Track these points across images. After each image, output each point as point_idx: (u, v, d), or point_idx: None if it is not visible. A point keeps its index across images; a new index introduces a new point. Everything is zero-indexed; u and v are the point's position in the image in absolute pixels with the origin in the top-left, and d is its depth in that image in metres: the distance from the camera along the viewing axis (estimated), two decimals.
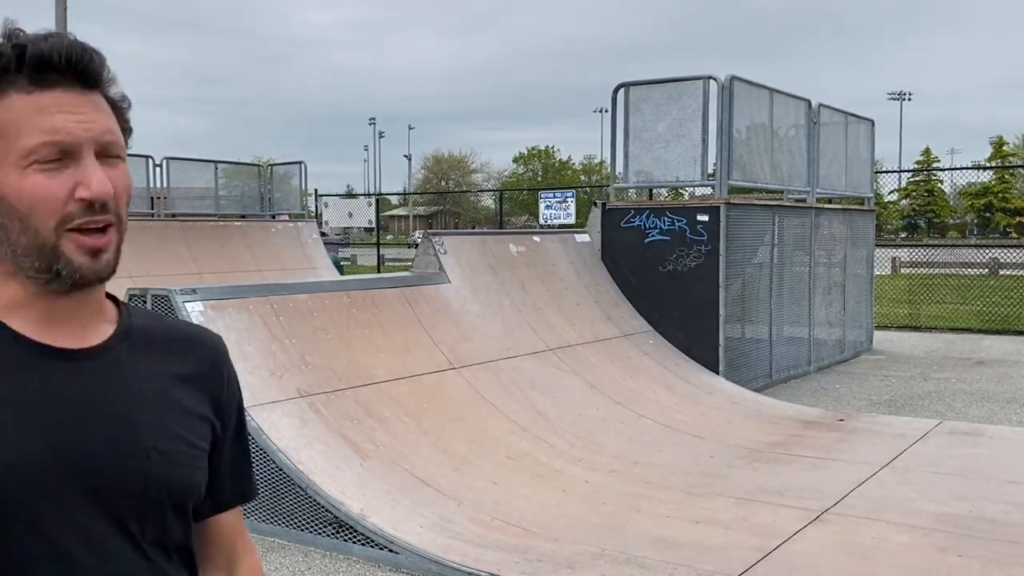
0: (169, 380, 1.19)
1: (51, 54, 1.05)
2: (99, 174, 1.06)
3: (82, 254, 1.07)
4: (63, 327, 1.11)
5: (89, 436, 1.08)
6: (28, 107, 1.05)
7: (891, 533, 4.84)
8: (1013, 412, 8.39)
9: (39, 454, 1.04)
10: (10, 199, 1.05)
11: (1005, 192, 56.46)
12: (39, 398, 1.06)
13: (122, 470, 1.09)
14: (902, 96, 76.87)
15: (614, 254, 9.48)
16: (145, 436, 1.12)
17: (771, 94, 9.97)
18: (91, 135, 1.07)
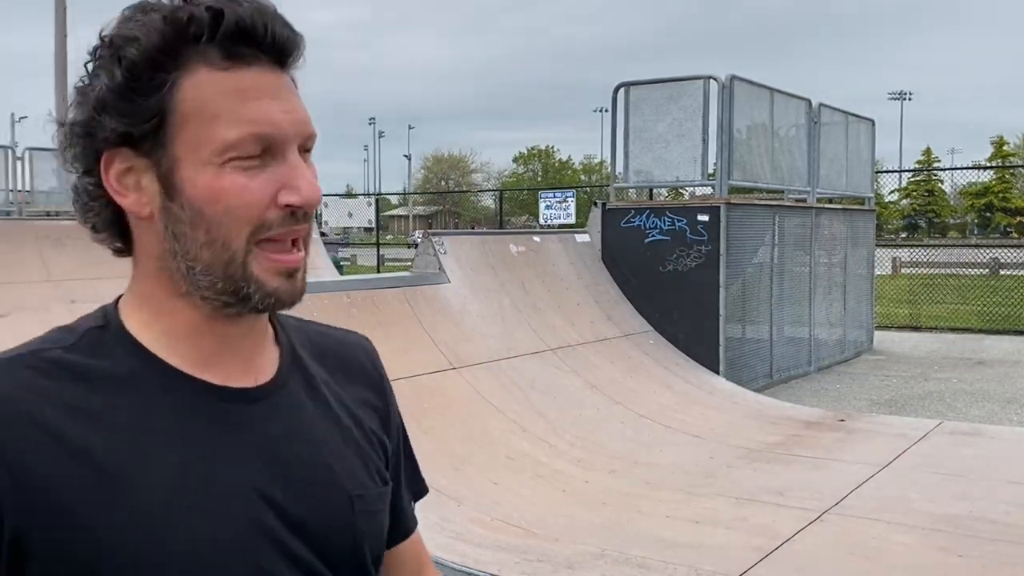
0: (340, 405, 1.02)
1: (254, 23, 0.85)
2: (308, 176, 0.88)
3: (275, 275, 0.88)
4: (234, 359, 0.93)
5: (288, 493, 0.90)
6: (224, 88, 0.85)
7: (891, 533, 4.83)
8: (1014, 412, 8.38)
9: (233, 528, 0.86)
10: (198, 202, 0.86)
11: (1005, 192, 56.44)
12: (226, 456, 0.88)
13: (328, 528, 0.93)
14: (902, 96, 76.93)
15: (614, 254, 9.47)
16: (345, 482, 0.96)
17: (771, 94, 9.97)
18: (296, 127, 0.88)
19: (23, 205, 14.64)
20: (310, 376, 1.00)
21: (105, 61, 0.85)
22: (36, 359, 0.86)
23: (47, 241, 12.72)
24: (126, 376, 0.88)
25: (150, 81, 0.84)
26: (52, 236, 12.86)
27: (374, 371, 1.11)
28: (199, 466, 0.87)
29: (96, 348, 0.89)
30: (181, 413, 0.88)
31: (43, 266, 12.41)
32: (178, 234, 0.87)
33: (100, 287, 7.28)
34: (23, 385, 0.84)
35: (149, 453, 0.85)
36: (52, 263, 12.51)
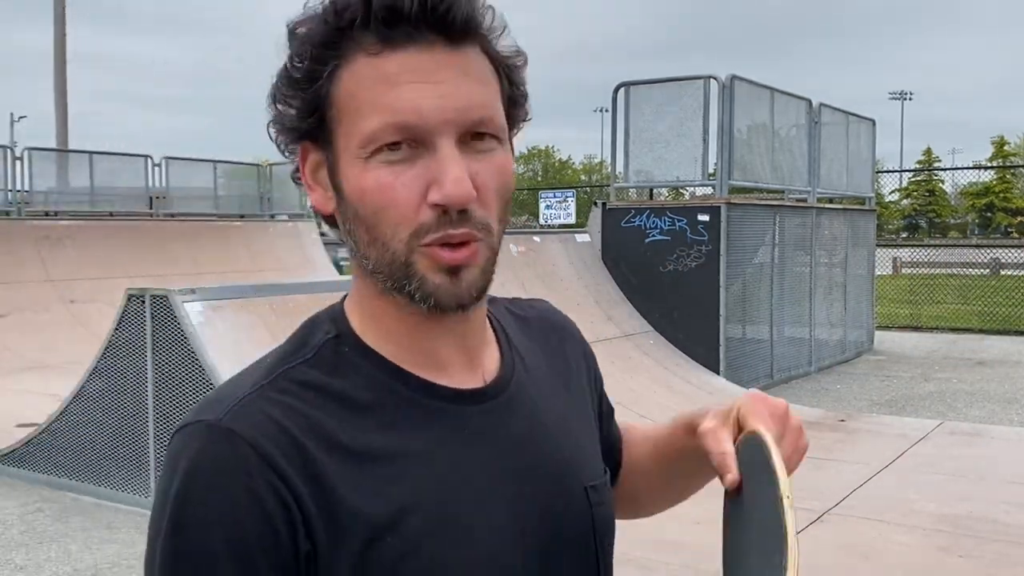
0: (564, 390, 0.99)
1: (402, 1, 0.77)
2: (455, 169, 0.78)
3: (436, 272, 0.81)
4: (459, 358, 0.89)
5: (534, 492, 0.88)
6: (372, 75, 0.78)
7: (892, 533, 4.82)
8: (1014, 412, 8.38)
9: (495, 536, 0.84)
10: (353, 200, 0.81)
11: (1006, 192, 56.44)
12: (475, 463, 0.86)
13: (571, 523, 0.91)
14: (903, 96, 76.87)
15: (614, 254, 9.46)
16: (580, 473, 0.94)
17: (772, 94, 9.96)
18: (449, 114, 0.78)
19: (22, 205, 14.63)
20: (530, 364, 0.97)
21: (282, 52, 0.83)
22: (287, 381, 0.83)
23: (46, 241, 12.71)
24: (371, 390, 0.85)
25: (310, 73, 0.81)
26: (51, 236, 12.86)
27: (580, 346, 1.07)
28: (457, 479, 0.84)
29: (335, 362, 0.86)
30: (429, 422, 0.85)
31: (42, 266, 12.40)
32: (351, 232, 0.84)
33: (99, 287, 7.36)
34: (287, 407, 0.81)
35: (408, 470, 0.82)
36: (51, 263, 12.51)
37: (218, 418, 0.79)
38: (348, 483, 0.79)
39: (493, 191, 0.82)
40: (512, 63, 0.86)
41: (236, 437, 0.78)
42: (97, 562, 4.75)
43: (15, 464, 6.22)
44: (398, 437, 0.83)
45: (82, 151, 17.15)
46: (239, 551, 0.76)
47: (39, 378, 9.82)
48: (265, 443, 0.78)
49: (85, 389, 5.84)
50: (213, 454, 0.78)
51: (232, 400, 0.81)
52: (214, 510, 0.76)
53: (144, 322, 5.45)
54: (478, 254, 0.82)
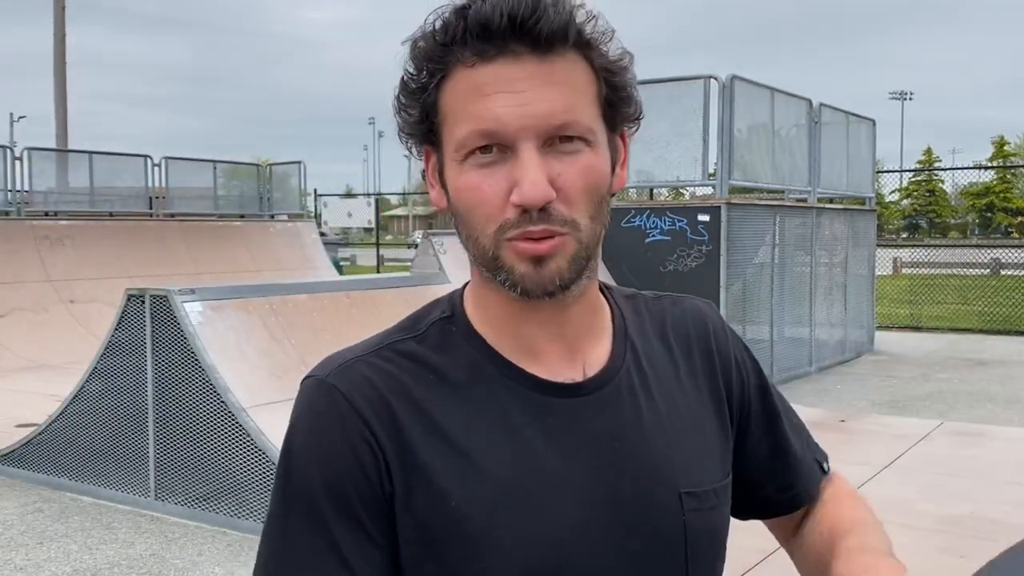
0: (682, 392, 1.01)
1: (492, 15, 0.84)
2: (533, 172, 0.84)
3: (521, 261, 0.88)
4: (558, 348, 0.95)
5: (616, 491, 0.91)
6: (467, 86, 0.87)
7: (892, 534, 4.75)
8: (1015, 413, 8.37)
9: (558, 526, 0.89)
10: (453, 199, 0.91)
11: (1006, 192, 56.45)
12: (554, 453, 0.91)
13: (658, 527, 0.93)
14: (903, 96, 76.88)
15: (614, 254, 9.45)
16: (676, 479, 0.95)
17: (772, 93, 9.95)
18: (529, 120, 0.84)
19: (22, 205, 14.62)
20: (646, 361, 0.99)
21: (401, 65, 0.91)
22: (391, 351, 0.94)
23: (46, 241, 12.71)
24: (467, 368, 0.93)
25: (421, 84, 0.89)
26: (51, 236, 12.85)
27: (714, 337, 1.06)
28: (527, 463, 0.90)
29: (441, 340, 0.95)
30: (514, 407, 0.92)
31: (42, 266, 12.40)
32: (457, 227, 0.93)
33: (98, 287, 7.34)
34: (383, 372, 0.92)
35: (483, 446, 0.90)
36: (51, 263, 12.50)
37: (325, 375, 0.93)
38: (424, 445, 0.89)
39: (579, 190, 0.88)
40: (612, 67, 0.90)
41: (336, 392, 0.91)
42: (97, 562, 4.74)
43: (15, 464, 6.21)
44: (480, 416, 0.91)
45: (82, 151, 17.13)
46: (334, 488, 0.88)
47: (39, 378, 9.82)
48: (359, 399, 0.90)
49: (85, 389, 5.83)
50: (316, 406, 0.91)
51: (340, 360, 0.94)
52: (314, 453, 0.90)
53: (144, 322, 5.44)
54: (562, 247, 0.88)
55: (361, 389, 0.90)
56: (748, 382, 1.08)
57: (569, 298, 0.92)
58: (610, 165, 0.92)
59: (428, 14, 0.89)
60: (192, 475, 5.34)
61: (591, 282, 0.95)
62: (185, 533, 5.14)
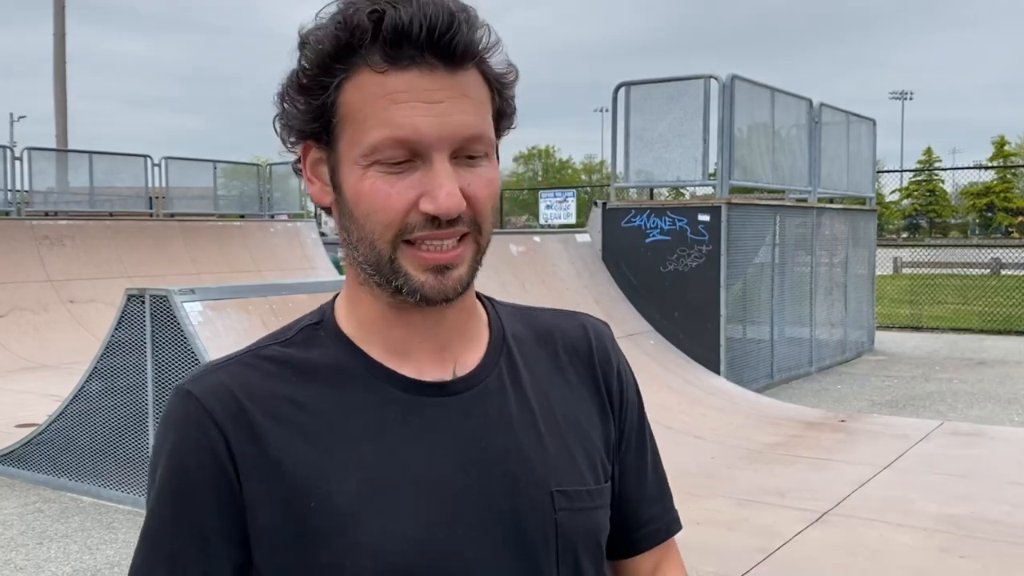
0: (561, 397, 1.01)
1: (410, 24, 0.84)
2: (449, 183, 0.85)
3: (423, 270, 0.88)
4: (428, 349, 0.95)
5: (482, 488, 0.92)
6: (377, 91, 0.86)
7: (893, 534, 4.82)
8: (1015, 412, 8.37)
9: (421, 522, 0.89)
10: (350, 201, 0.89)
11: (1007, 192, 56.47)
12: (419, 450, 0.91)
13: (526, 525, 0.93)
14: (904, 95, 76.85)
15: (615, 254, 9.45)
16: (547, 477, 0.95)
17: (772, 93, 9.95)
18: (446, 132, 0.86)
19: (22, 205, 14.62)
20: (523, 365, 1.00)
21: (295, 60, 0.90)
22: (254, 356, 0.95)
23: (46, 241, 12.71)
24: (331, 367, 0.94)
25: (319, 83, 0.88)
26: (51, 236, 12.85)
27: (601, 357, 1.06)
28: (390, 459, 0.90)
29: (308, 343, 0.96)
30: (378, 405, 0.92)
31: (42, 266, 12.40)
32: (345, 227, 0.92)
33: (98, 287, 7.35)
34: (242, 376, 0.93)
35: (345, 443, 0.90)
36: (51, 263, 12.51)
37: (185, 383, 0.94)
38: (283, 445, 0.90)
39: (485, 198, 0.89)
40: (503, 80, 0.92)
41: (191, 398, 0.92)
42: (97, 562, 4.74)
43: (15, 464, 6.21)
44: (343, 415, 0.91)
45: (82, 151, 17.14)
46: (183, 485, 0.90)
47: (39, 378, 9.82)
48: (213, 403, 0.90)
49: (85, 389, 5.83)
50: (173, 413, 0.93)
51: (203, 368, 0.96)
52: (170, 458, 0.92)
53: (144, 322, 5.44)
54: (465, 252, 0.90)
55: (216, 394, 0.91)
56: (630, 400, 1.07)
57: (445, 305, 0.92)
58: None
59: (323, 7, 0.89)
60: None
61: (471, 291, 0.97)
62: None
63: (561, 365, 1.03)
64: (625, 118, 9.57)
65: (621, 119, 9.62)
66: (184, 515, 0.90)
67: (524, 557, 0.93)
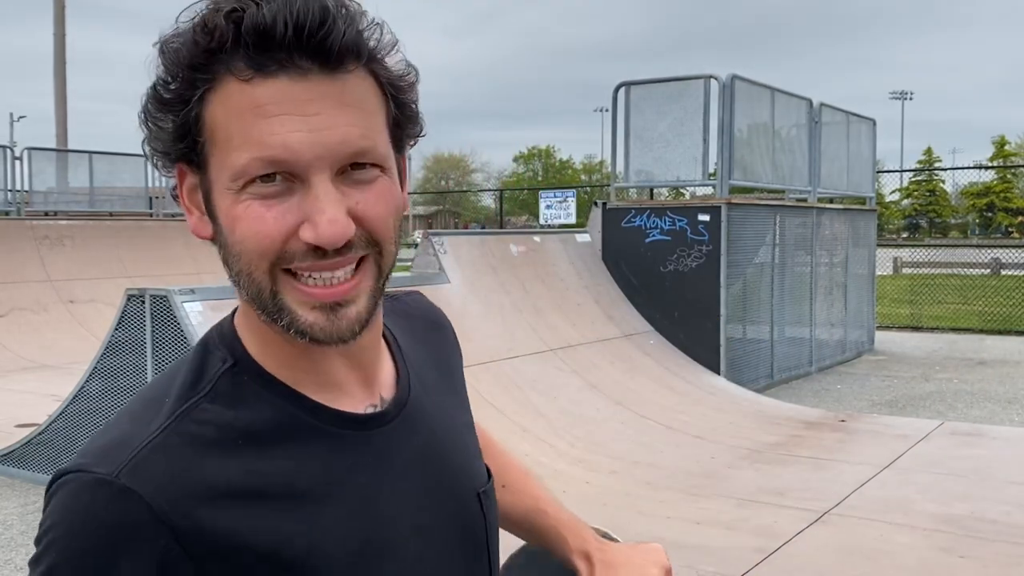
0: (448, 397, 1.00)
1: (274, 23, 0.72)
2: (331, 208, 0.74)
3: (309, 308, 0.77)
4: (357, 377, 0.87)
5: (438, 511, 0.90)
6: (242, 104, 0.74)
7: (893, 534, 4.81)
8: (1015, 412, 8.37)
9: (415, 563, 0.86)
10: (225, 229, 0.78)
11: (1007, 192, 56.47)
12: (386, 494, 0.85)
13: (475, 534, 0.94)
14: (904, 95, 76.84)
15: (615, 254, 9.45)
16: (473, 481, 0.95)
17: (772, 93, 9.95)
18: (321, 149, 0.74)
19: (22, 205, 14.62)
20: (417, 375, 0.95)
21: (151, 72, 0.78)
22: (188, 423, 0.79)
23: (46, 241, 12.71)
24: (274, 422, 0.81)
25: (179, 95, 0.76)
26: (51, 236, 12.86)
27: (447, 323, 1.08)
28: (367, 509, 0.83)
29: (235, 393, 0.82)
30: (335, 454, 0.83)
31: (42, 266, 12.40)
32: (226, 261, 0.80)
33: (98, 287, 7.35)
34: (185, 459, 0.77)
35: (317, 507, 0.80)
36: (51, 263, 12.51)
37: (115, 474, 0.74)
38: (255, 532, 0.76)
39: (382, 216, 0.78)
40: (400, 83, 0.81)
41: (134, 497, 0.73)
42: None
43: (15, 464, 6.21)
44: (306, 469, 0.81)
45: (82, 151, 17.14)
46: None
47: (39, 378, 9.82)
48: (163, 502, 0.74)
49: (85, 389, 5.83)
50: (101, 515, 0.73)
51: (128, 450, 0.76)
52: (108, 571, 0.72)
53: (144, 322, 5.44)
54: (361, 282, 0.79)
55: (164, 487, 0.74)
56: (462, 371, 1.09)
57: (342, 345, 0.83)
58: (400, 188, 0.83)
59: (181, 11, 0.77)
60: None
61: (379, 310, 0.85)
62: None
63: (436, 363, 1.02)
64: (625, 118, 9.57)
65: (621, 119, 9.62)
66: None
67: (474, 561, 0.94)
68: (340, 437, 0.83)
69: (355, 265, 0.78)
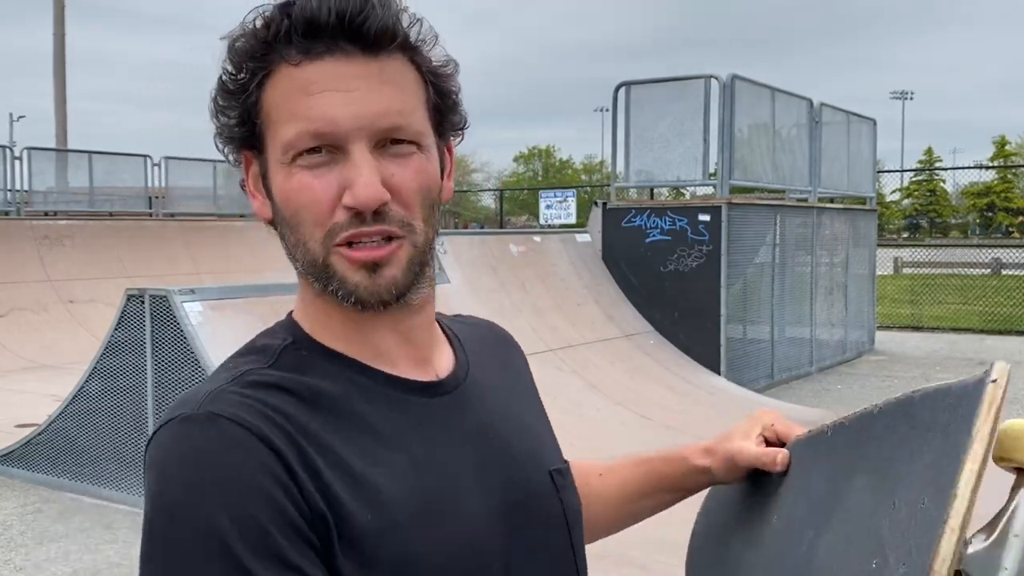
0: (516, 392, 1.05)
1: (319, 10, 0.82)
2: (366, 173, 0.82)
3: (355, 270, 0.84)
4: (411, 353, 0.92)
5: (503, 478, 0.92)
6: (292, 84, 0.83)
7: None
8: (1016, 413, 8.33)
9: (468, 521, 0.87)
10: (279, 203, 0.86)
11: (1007, 192, 56.49)
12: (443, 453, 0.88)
13: (547, 512, 0.96)
14: (904, 95, 76.83)
15: (615, 254, 9.45)
16: (544, 460, 0.99)
17: (773, 93, 9.95)
18: (361, 121, 0.82)
19: (22, 205, 14.62)
20: (480, 365, 1.00)
21: (219, 67, 0.88)
22: (253, 379, 0.84)
23: (46, 241, 12.71)
24: (335, 386, 0.86)
25: (241, 85, 0.86)
26: (51, 236, 12.86)
27: (514, 340, 1.14)
28: (426, 465, 0.86)
29: (298, 364, 0.87)
30: (394, 416, 0.88)
31: (42, 266, 12.40)
32: (284, 237, 0.87)
33: (98, 287, 7.33)
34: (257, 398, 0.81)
35: (381, 455, 0.84)
36: (51, 263, 12.51)
37: (196, 409, 0.79)
38: (329, 466, 0.80)
39: (413, 192, 0.85)
40: (439, 72, 0.89)
41: (218, 419, 0.78)
42: (97, 562, 4.74)
43: (15, 464, 6.21)
44: (363, 432, 0.85)
45: (82, 151, 17.14)
46: (248, 525, 0.75)
47: (39, 378, 9.82)
48: (253, 421, 0.78)
49: (85, 389, 5.83)
50: (195, 440, 0.78)
51: (204, 394, 0.81)
52: (209, 491, 0.75)
53: (144, 322, 5.44)
54: (397, 252, 0.85)
55: (251, 411, 0.79)
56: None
57: (410, 308, 0.90)
58: (439, 172, 0.90)
59: (248, 12, 0.86)
60: None
61: (430, 296, 0.93)
62: None
63: (502, 362, 1.07)
64: (625, 118, 9.57)
65: (621, 119, 9.62)
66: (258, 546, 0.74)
67: (551, 539, 0.95)
68: (399, 399, 0.89)
69: (390, 240, 0.85)
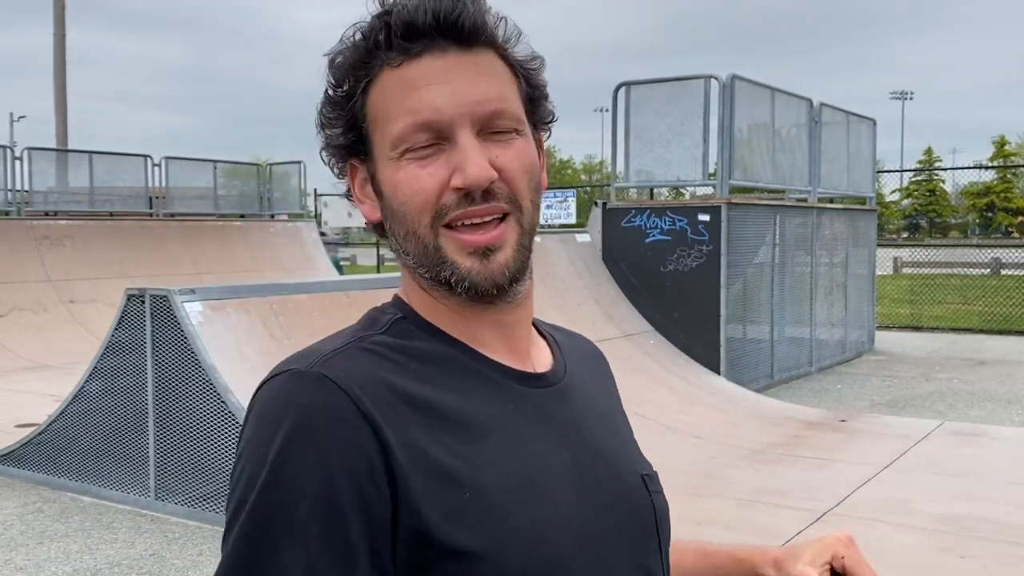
0: (606, 398, 1.08)
1: (415, 13, 0.87)
2: (474, 154, 0.86)
3: (466, 255, 0.88)
4: (505, 349, 0.94)
5: (594, 475, 0.93)
6: (397, 85, 0.88)
7: (893, 534, 4.81)
8: (1015, 412, 8.37)
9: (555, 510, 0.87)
10: (389, 198, 0.90)
11: (1007, 192, 56.48)
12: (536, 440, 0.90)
13: (632, 509, 0.96)
14: (904, 95, 76.81)
15: (615, 254, 9.45)
16: (635, 463, 1.01)
17: (772, 93, 9.95)
18: (464, 107, 0.87)
19: (22, 205, 14.61)
20: (575, 368, 1.03)
21: (324, 80, 0.92)
22: (369, 342, 0.89)
23: (46, 241, 12.71)
24: (441, 358, 0.90)
25: (346, 94, 0.91)
26: (51, 236, 12.86)
27: (605, 359, 1.17)
28: (523, 450, 0.89)
29: (406, 335, 0.91)
30: (496, 395, 0.91)
31: (42, 266, 12.40)
32: (394, 233, 0.92)
33: (98, 287, 7.34)
34: (369, 362, 0.86)
35: (481, 434, 0.87)
36: (51, 263, 12.51)
37: (309, 367, 0.84)
38: (429, 436, 0.84)
39: (518, 172, 0.89)
40: (529, 65, 0.94)
41: (327, 382, 0.82)
42: (97, 562, 4.74)
43: (15, 464, 6.21)
44: (470, 402, 0.88)
45: (82, 151, 17.12)
46: (329, 497, 0.79)
47: (39, 378, 9.82)
48: (356, 389, 0.82)
49: (85, 389, 5.83)
50: (303, 398, 0.82)
51: (320, 354, 0.86)
52: (312, 454, 0.80)
53: (144, 322, 5.44)
54: (506, 233, 0.89)
55: (357, 379, 0.83)
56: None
57: (514, 302, 0.93)
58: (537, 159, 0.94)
59: (346, 28, 0.91)
60: (192, 475, 5.34)
61: (530, 290, 0.96)
62: (185, 533, 5.14)
63: (594, 369, 1.10)
64: (625, 118, 9.57)
65: (621, 119, 9.61)
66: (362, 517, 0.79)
67: (640, 538, 0.96)
68: (499, 383, 0.91)
69: (500, 218, 0.88)
